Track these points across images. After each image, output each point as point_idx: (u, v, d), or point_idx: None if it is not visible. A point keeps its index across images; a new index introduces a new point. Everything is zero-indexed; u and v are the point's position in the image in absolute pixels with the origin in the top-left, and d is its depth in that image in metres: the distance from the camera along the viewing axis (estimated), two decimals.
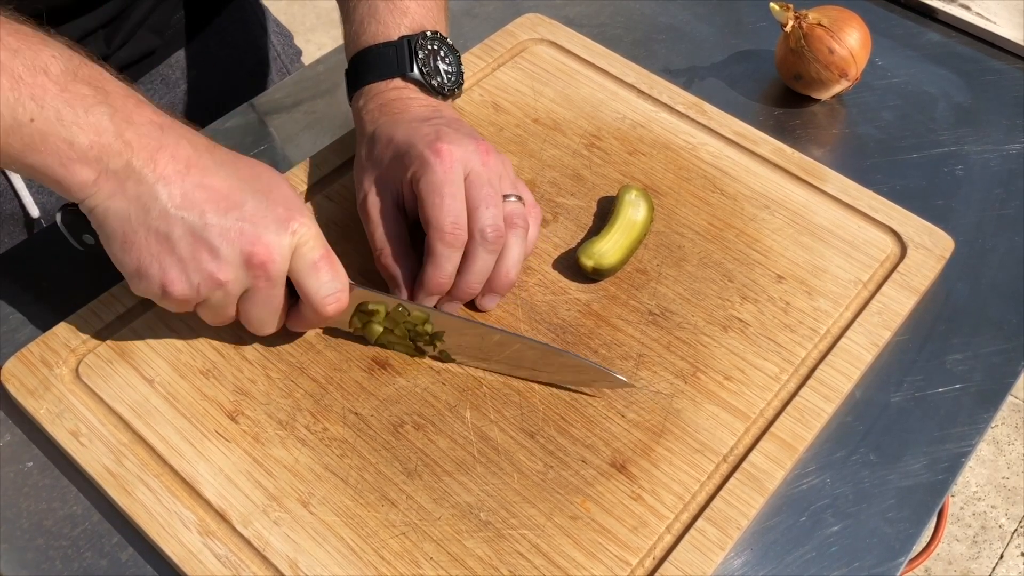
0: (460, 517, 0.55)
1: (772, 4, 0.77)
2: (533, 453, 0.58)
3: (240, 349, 0.62)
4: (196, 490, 0.56)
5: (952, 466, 0.59)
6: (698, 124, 0.75)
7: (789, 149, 0.74)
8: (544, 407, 0.60)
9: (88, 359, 0.61)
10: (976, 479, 1.60)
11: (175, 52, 0.88)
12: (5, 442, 0.60)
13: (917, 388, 0.63)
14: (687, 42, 0.85)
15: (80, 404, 0.59)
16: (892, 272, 0.66)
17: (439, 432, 0.59)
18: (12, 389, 0.60)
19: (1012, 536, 1.54)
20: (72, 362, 0.61)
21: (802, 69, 0.77)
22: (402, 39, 0.66)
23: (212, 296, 0.55)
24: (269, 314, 0.57)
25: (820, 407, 0.60)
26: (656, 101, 0.77)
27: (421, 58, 0.66)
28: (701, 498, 0.56)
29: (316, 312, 0.57)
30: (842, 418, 0.61)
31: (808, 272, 0.67)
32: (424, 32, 0.67)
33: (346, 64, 0.70)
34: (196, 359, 0.62)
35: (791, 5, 0.76)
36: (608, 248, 0.65)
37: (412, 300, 0.62)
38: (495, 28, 0.83)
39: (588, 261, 0.65)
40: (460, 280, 0.61)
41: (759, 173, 0.72)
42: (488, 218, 0.60)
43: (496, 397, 0.60)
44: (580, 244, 0.68)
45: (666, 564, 0.53)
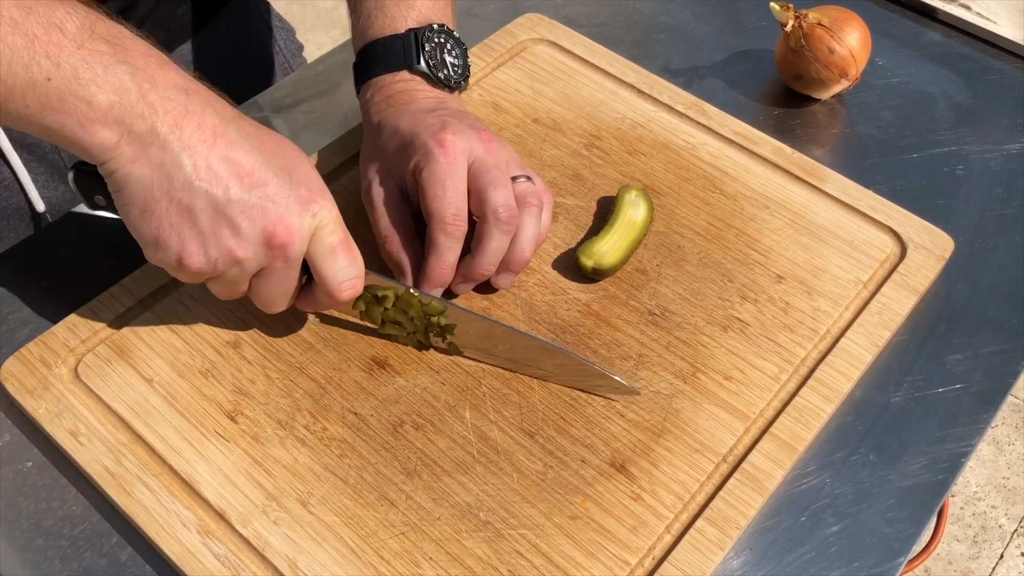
0: (459, 517, 0.55)
1: (772, 4, 0.76)
2: (532, 453, 0.58)
3: (240, 349, 0.62)
4: (195, 490, 0.56)
5: (952, 466, 0.59)
6: (698, 124, 0.75)
7: (789, 149, 0.74)
8: (544, 407, 0.60)
9: (87, 359, 0.61)
10: (976, 479, 1.60)
11: (180, 46, 0.88)
12: (4, 442, 0.60)
13: (917, 388, 0.63)
14: (687, 42, 0.85)
15: (79, 404, 0.59)
16: (892, 272, 0.66)
17: (438, 432, 0.59)
18: (11, 389, 0.60)
19: (1012, 536, 1.54)
20: (71, 362, 0.61)
21: (802, 69, 0.77)
22: (409, 32, 0.67)
23: (228, 272, 0.55)
24: (281, 294, 0.57)
25: (820, 407, 0.60)
26: (656, 101, 0.77)
27: (428, 51, 0.66)
28: (701, 498, 0.56)
29: (331, 297, 0.57)
30: (842, 418, 0.61)
31: (808, 272, 0.67)
32: (431, 25, 0.67)
33: (350, 60, 0.70)
34: (195, 359, 0.62)
35: (791, 5, 0.76)
36: (608, 248, 0.65)
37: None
38: (495, 28, 0.83)
39: (588, 261, 0.65)
40: (474, 261, 0.61)
41: (759, 173, 0.72)
42: (499, 198, 0.59)
43: (496, 397, 0.60)
44: (580, 244, 0.68)
45: (665, 564, 0.53)
